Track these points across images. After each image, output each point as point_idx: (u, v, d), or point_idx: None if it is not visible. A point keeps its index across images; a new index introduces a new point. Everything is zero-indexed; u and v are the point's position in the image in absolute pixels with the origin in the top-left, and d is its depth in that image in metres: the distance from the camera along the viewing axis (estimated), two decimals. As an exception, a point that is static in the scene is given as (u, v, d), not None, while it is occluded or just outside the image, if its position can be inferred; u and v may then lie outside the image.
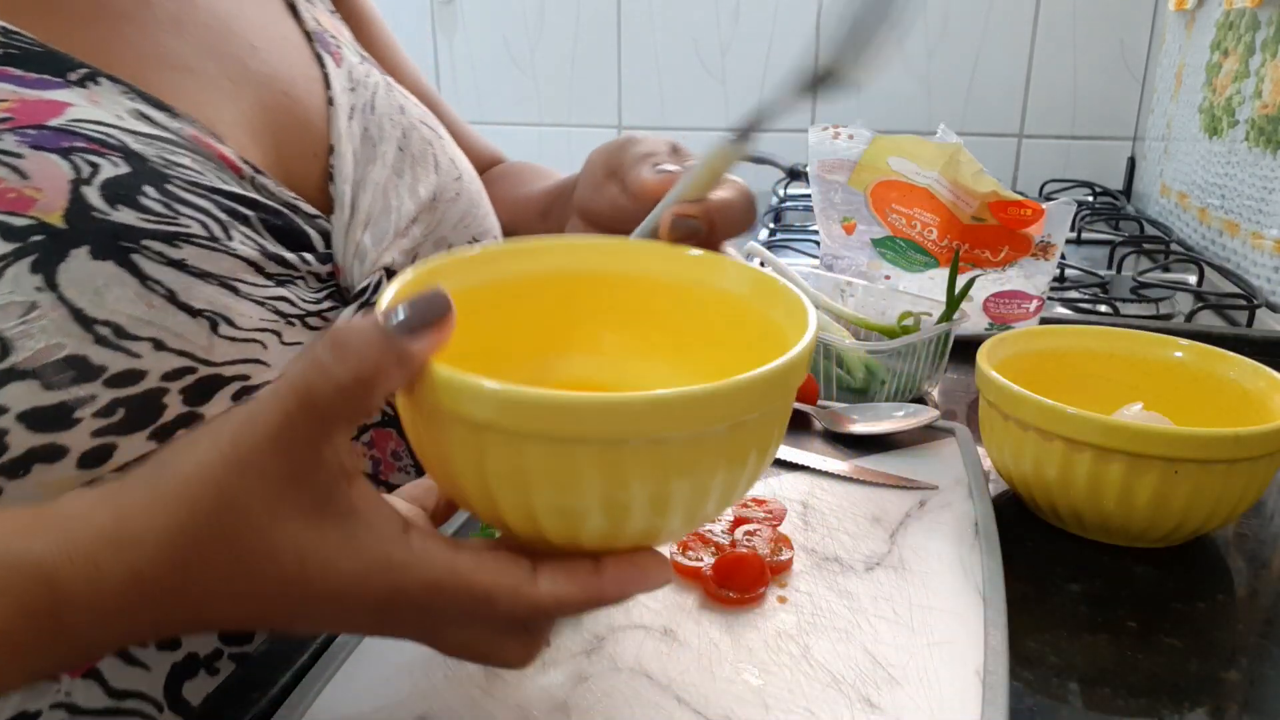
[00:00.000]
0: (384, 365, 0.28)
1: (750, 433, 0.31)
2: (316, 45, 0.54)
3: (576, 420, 0.28)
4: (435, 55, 1.74)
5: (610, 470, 0.29)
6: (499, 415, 0.28)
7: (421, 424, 0.31)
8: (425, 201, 0.53)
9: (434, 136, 0.56)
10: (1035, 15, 1.47)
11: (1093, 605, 0.47)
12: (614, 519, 0.30)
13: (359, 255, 0.48)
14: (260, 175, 0.44)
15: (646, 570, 0.31)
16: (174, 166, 0.40)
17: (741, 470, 0.32)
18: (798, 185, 1.49)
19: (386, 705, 0.38)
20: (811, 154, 0.85)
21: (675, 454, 0.29)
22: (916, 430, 0.62)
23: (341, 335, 0.28)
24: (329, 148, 0.50)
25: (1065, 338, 0.60)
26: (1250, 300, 0.94)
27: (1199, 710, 0.40)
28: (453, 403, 0.29)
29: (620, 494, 0.29)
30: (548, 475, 0.29)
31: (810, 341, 0.33)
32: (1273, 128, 1.00)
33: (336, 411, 0.28)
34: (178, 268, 0.39)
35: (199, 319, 0.39)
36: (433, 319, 0.29)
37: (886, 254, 0.84)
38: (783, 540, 0.48)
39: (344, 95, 0.52)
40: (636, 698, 0.38)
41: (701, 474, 0.30)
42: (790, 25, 1.57)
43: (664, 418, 0.28)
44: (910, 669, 0.40)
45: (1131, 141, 1.51)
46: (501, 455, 0.29)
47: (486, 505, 0.31)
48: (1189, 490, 0.47)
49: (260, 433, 0.28)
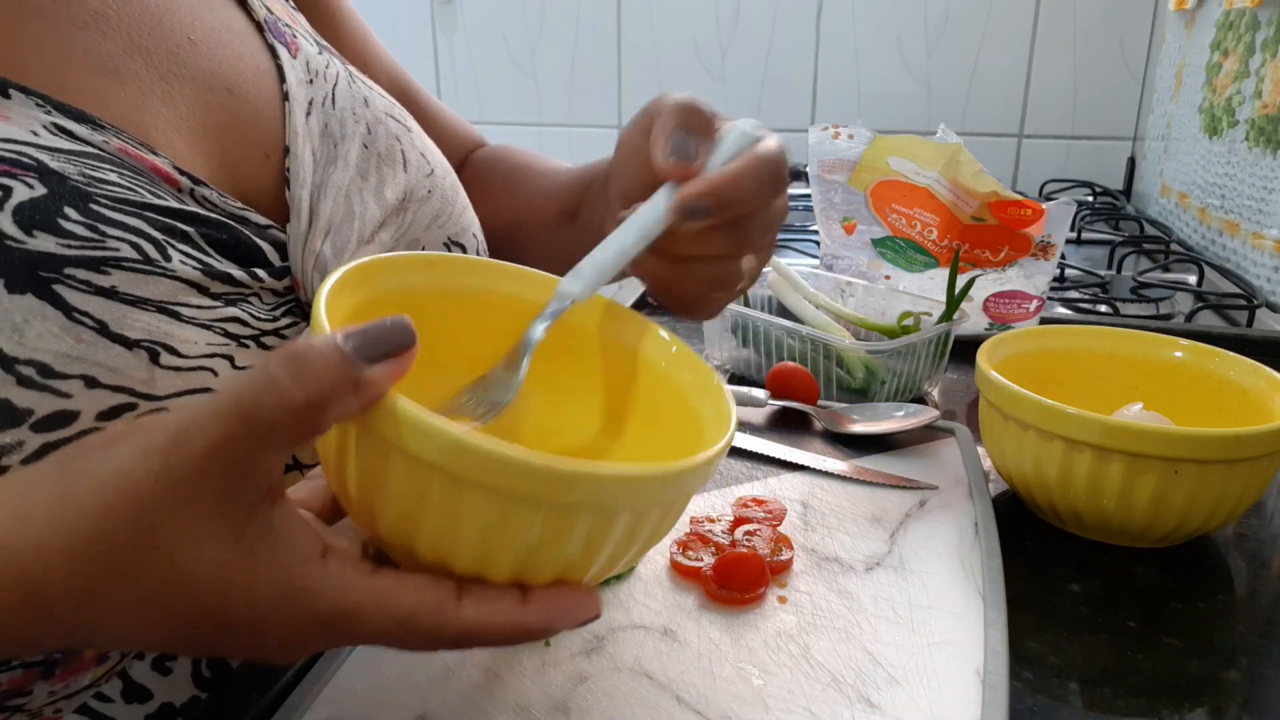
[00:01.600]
0: (341, 389, 0.27)
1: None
2: (269, 35, 0.48)
3: (526, 480, 0.28)
4: (435, 55, 1.74)
5: (550, 528, 0.29)
6: (445, 459, 0.28)
7: (351, 442, 0.30)
8: (393, 204, 0.48)
9: (402, 130, 0.52)
10: (1035, 15, 1.47)
11: (1093, 605, 0.47)
12: (537, 565, 0.31)
13: (319, 267, 0.44)
14: (201, 186, 0.40)
15: (574, 604, 0.31)
16: (99, 184, 0.36)
17: (674, 514, 0.34)
18: (798, 185, 1.49)
19: (386, 705, 0.38)
20: (811, 154, 0.85)
21: (617, 519, 0.30)
22: (916, 430, 0.62)
23: (300, 353, 0.27)
24: (284, 149, 0.45)
25: (1065, 338, 0.60)
26: (1250, 300, 0.94)
27: (1199, 710, 0.40)
28: (396, 435, 0.28)
29: (552, 548, 0.30)
30: (481, 524, 0.29)
31: (727, 443, 0.34)
32: (1273, 128, 1.00)
33: (283, 433, 0.27)
34: (107, 296, 0.35)
35: (136, 350, 0.35)
36: (394, 348, 0.28)
37: (886, 254, 0.84)
38: (783, 540, 0.48)
39: (300, 89, 0.47)
40: (636, 698, 0.38)
41: (635, 523, 0.31)
42: (790, 25, 1.57)
43: (622, 493, 0.30)
44: (910, 669, 0.40)
45: (1131, 141, 1.51)
46: (440, 496, 0.29)
47: (400, 535, 0.30)
48: (1189, 490, 0.47)
49: (197, 450, 0.27)
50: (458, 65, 1.73)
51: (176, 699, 0.41)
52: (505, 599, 0.30)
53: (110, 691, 0.39)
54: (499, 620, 0.30)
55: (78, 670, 0.37)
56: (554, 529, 0.29)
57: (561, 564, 0.31)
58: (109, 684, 0.39)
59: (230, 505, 0.27)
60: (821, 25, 1.56)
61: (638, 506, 0.31)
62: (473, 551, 0.30)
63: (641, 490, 0.30)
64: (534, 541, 0.30)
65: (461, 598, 0.30)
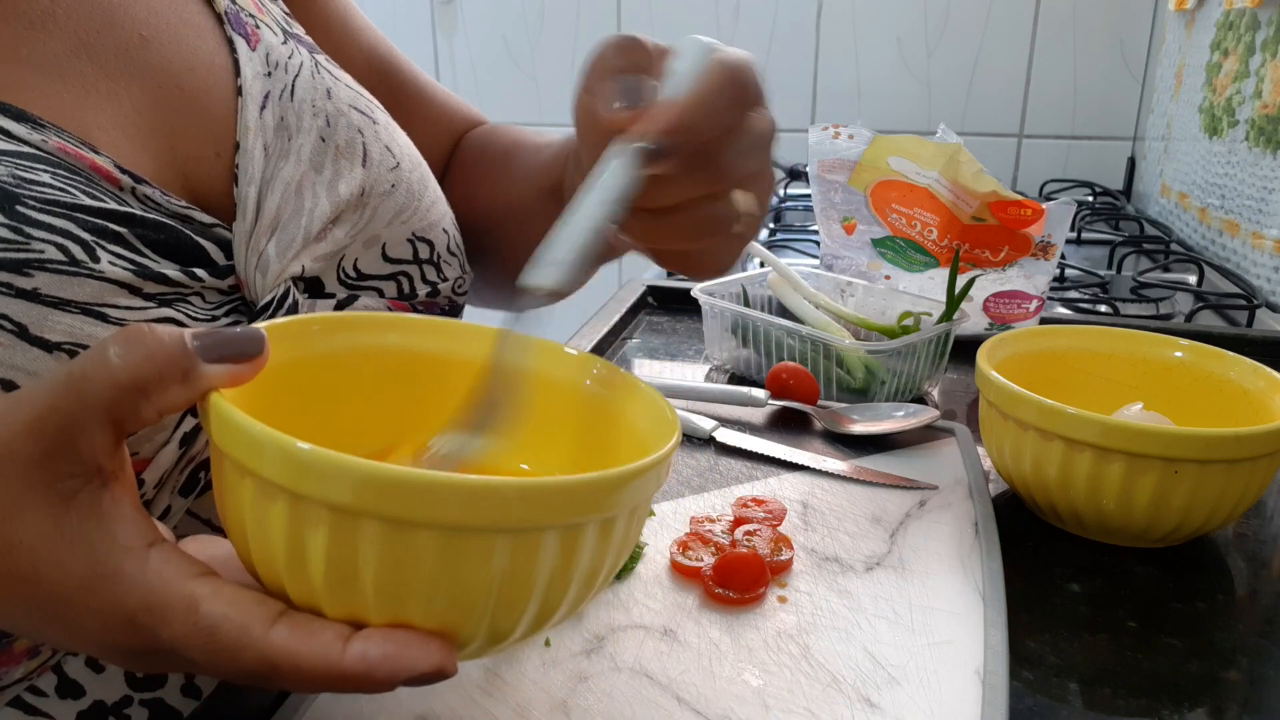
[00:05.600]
0: (167, 376, 0.27)
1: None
2: (228, 27, 0.47)
3: (350, 489, 0.25)
4: (435, 55, 1.74)
5: (388, 552, 0.25)
6: (252, 460, 0.26)
7: (210, 447, 0.30)
8: (348, 199, 0.46)
9: (366, 123, 0.49)
10: (1035, 15, 1.47)
11: (1093, 605, 0.47)
12: (386, 601, 0.26)
13: (261, 266, 0.43)
14: (143, 185, 0.39)
15: (403, 651, 0.27)
16: (28, 185, 0.36)
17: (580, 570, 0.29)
18: (798, 185, 1.49)
19: (387, 705, 0.38)
20: (811, 154, 0.85)
21: (490, 543, 0.26)
22: (916, 430, 0.62)
23: (136, 334, 0.27)
24: (235, 144, 0.44)
25: (1065, 338, 0.60)
26: (1250, 300, 0.94)
27: (1199, 710, 0.40)
28: (219, 438, 0.28)
29: (393, 578, 0.26)
30: (284, 534, 0.26)
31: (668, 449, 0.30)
32: (1273, 128, 1.00)
33: (104, 408, 0.27)
34: (29, 298, 0.34)
35: (56, 353, 0.35)
36: (236, 352, 0.28)
37: (886, 254, 0.84)
38: (783, 540, 0.48)
39: (256, 83, 0.46)
40: (636, 698, 0.38)
41: (520, 557, 0.27)
42: (790, 25, 1.57)
43: (454, 505, 0.25)
44: (910, 669, 0.40)
45: (1131, 141, 1.51)
46: (256, 502, 0.27)
47: (241, 546, 0.29)
48: (1189, 490, 0.47)
49: (24, 415, 0.27)
50: (458, 65, 1.73)
51: (108, 697, 0.40)
52: (327, 632, 0.27)
53: (44, 686, 0.39)
54: (308, 651, 0.26)
55: (7, 662, 0.37)
56: (392, 553, 0.25)
57: (414, 600, 0.26)
58: (43, 679, 0.39)
59: (50, 474, 0.27)
60: (821, 25, 1.56)
61: (518, 526, 0.26)
62: (293, 571, 0.27)
63: (515, 507, 0.25)
64: (371, 570, 0.26)
65: (278, 620, 0.27)
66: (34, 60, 0.40)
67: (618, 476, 0.28)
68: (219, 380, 0.28)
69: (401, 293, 0.50)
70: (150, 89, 0.43)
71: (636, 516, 0.31)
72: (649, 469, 0.29)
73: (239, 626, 0.27)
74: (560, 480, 0.26)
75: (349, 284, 0.47)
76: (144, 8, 0.44)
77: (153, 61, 0.43)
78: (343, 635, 0.27)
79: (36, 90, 0.39)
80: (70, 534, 0.28)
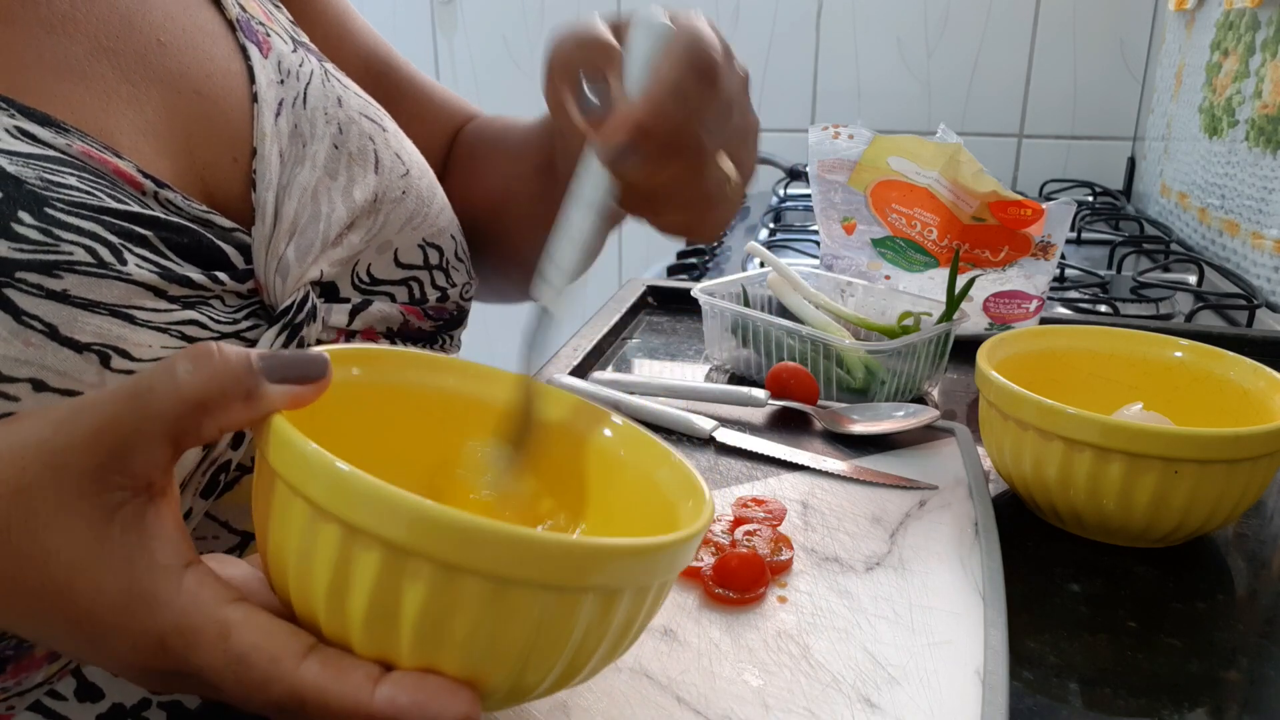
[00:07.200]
0: (231, 395, 0.27)
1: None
2: (240, 35, 0.48)
3: (407, 527, 0.25)
4: (435, 55, 1.74)
5: (437, 596, 0.25)
6: (309, 486, 0.26)
7: (258, 467, 0.30)
8: (362, 205, 0.47)
9: (376, 130, 0.50)
10: (1035, 15, 1.47)
11: (1093, 605, 0.47)
12: (424, 641, 0.26)
13: (281, 270, 0.43)
14: (165, 189, 0.40)
15: (432, 700, 0.26)
16: (56, 188, 0.36)
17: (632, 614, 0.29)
18: (798, 185, 1.49)
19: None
20: (811, 154, 0.85)
21: (529, 598, 0.26)
22: (916, 430, 0.62)
23: (204, 352, 0.27)
24: (252, 150, 0.45)
25: (1065, 338, 0.60)
26: (1250, 300, 0.94)
27: (1199, 710, 0.40)
28: (276, 461, 0.27)
29: (436, 622, 0.26)
30: (331, 564, 0.26)
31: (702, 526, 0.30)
32: (1273, 128, 1.00)
33: (167, 423, 0.27)
34: (59, 299, 0.35)
35: (86, 353, 0.35)
36: (300, 374, 0.28)
37: (886, 254, 0.84)
38: (783, 540, 0.48)
39: (270, 90, 0.46)
40: (636, 697, 0.38)
41: (559, 614, 0.27)
42: (790, 25, 1.57)
43: (507, 556, 0.25)
44: (910, 669, 0.40)
45: (1131, 141, 1.51)
46: (307, 527, 0.27)
47: (278, 569, 0.29)
48: (1189, 490, 0.47)
49: (85, 423, 0.27)
50: (458, 65, 1.73)
51: (127, 700, 0.40)
52: (357, 672, 0.27)
53: (64, 690, 0.39)
54: (337, 690, 0.26)
55: (29, 668, 0.37)
56: (436, 596, 0.25)
57: (450, 646, 0.26)
58: (62, 682, 0.39)
59: (102, 485, 0.27)
60: (821, 25, 1.56)
61: (564, 584, 0.26)
62: (332, 601, 0.26)
63: (564, 565, 0.26)
64: (414, 611, 0.25)
65: (309, 654, 0.27)
66: (55, 64, 0.40)
67: (667, 544, 0.28)
68: (281, 401, 0.28)
69: (413, 297, 0.50)
70: (169, 94, 0.43)
71: (667, 586, 0.32)
72: (689, 539, 0.29)
73: (270, 658, 0.27)
74: (614, 543, 0.26)
75: (363, 289, 0.48)
76: (160, 13, 0.45)
77: (171, 67, 0.44)
78: (373, 676, 0.27)
79: (59, 94, 0.39)
80: (109, 546, 0.27)
